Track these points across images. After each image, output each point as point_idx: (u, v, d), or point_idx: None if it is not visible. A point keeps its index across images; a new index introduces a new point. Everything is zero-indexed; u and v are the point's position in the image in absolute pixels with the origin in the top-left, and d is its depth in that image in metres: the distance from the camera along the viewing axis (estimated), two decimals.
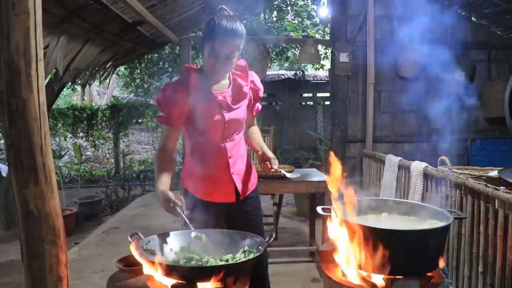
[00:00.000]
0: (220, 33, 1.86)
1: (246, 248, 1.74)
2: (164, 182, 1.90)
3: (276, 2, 8.27)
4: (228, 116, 2.00)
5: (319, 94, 9.40)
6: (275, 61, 9.83)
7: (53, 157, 1.39)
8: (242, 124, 2.11)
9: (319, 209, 1.82)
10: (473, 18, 5.33)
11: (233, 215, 2.10)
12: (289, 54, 8.86)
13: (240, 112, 2.06)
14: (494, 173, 2.89)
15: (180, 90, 1.95)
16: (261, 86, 2.19)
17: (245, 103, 2.09)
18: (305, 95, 9.56)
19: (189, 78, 1.98)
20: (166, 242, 1.78)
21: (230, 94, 2.04)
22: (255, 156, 2.32)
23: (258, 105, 2.23)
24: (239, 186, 2.09)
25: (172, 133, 2.02)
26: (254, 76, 2.16)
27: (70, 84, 5.51)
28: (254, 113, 2.23)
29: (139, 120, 9.85)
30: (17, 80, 1.26)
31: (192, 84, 1.96)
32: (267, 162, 2.11)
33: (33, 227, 1.32)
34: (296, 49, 8.15)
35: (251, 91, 2.13)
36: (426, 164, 3.28)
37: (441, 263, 1.68)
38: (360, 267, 1.64)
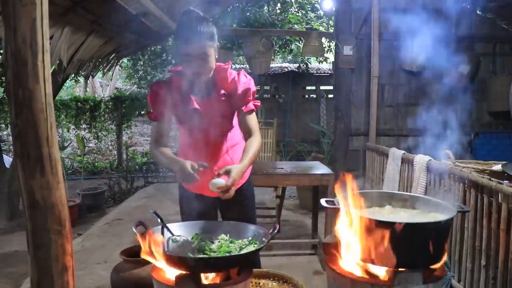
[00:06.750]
0: (186, 34, 1.85)
1: (250, 239, 1.75)
2: (175, 157, 1.93)
3: None
4: (206, 123, 2.02)
5: (322, 87, 9.37)
6: (278, 53, 9.81)
7: None
8: (226, 127, 2.10)
9: (323, 201, 1.82)
10: (478, 11, 5.29)
11: (224, 206, 2.19)
12: (293, 46, 8.82)
13: (219, 119, 2.05)
14: (497, 167, 2.89)
15: (164, 89, 2.00)
16: (249, 86, 2.05)
17: (226, 111, 2.07)
18: (309, 88, 9.52)
19: (172, 80, 2.02)
20: (170, 233, 1.79)
21: (209, 102, 2.02)
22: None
23: (250, 105, 2.06)
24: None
25: (162, 127, 2.04)
26: (239, 77, 2.04)
27: (73, 75, 5.51)
28: (245, 110, 2.05)
29: (142, 112, 9.85)
30: (23, 70, 1.25)
31: (175, 86, 2.00)
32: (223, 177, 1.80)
33: (39, 217, 1.32)
34: (300, 41, 8.12)
35: (237, 93, 2.03)
36: (430, 158, 3.28)
37: (444, 256, 1.68)
38: (363, 260, 1.64)
